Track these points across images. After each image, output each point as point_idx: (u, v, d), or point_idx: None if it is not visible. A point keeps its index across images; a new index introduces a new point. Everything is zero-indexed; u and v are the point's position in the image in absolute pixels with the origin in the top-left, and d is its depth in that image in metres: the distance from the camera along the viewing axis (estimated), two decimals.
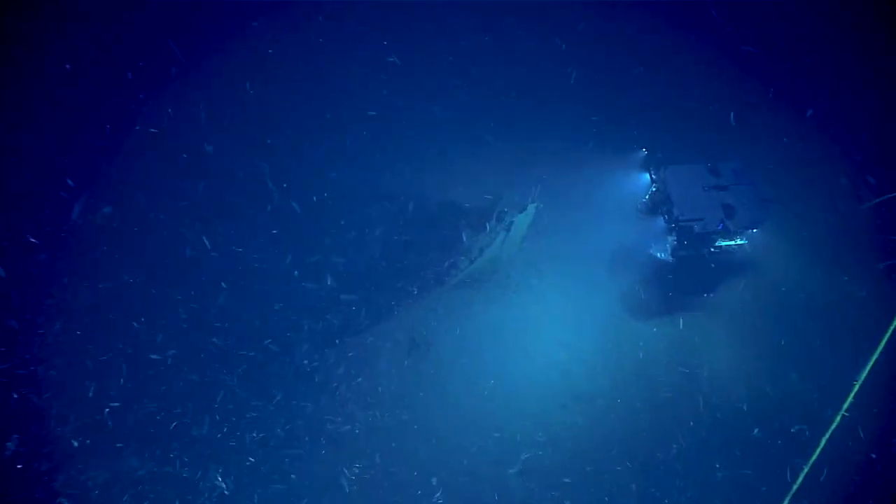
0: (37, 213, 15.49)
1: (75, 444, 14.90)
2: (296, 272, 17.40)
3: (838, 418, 14.25)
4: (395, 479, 16.05)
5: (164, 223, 16.81)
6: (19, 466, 14.24)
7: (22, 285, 15.29)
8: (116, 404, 15.40)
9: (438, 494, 15.86)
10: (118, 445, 15.13)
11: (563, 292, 18.40)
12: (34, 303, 15.55)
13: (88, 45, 14.90)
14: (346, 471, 15.99)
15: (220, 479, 15.33)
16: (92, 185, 15.73)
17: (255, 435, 16.04)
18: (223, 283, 16.95)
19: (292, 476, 15.90)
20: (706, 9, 17.17)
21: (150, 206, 16.59)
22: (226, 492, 15.26)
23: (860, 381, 14.26)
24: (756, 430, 15.97)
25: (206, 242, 16.85)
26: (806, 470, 14.24)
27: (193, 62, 16.73)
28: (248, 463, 15.74)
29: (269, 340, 16.81)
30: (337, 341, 17.30)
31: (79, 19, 14.93)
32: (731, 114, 17.53)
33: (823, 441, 14.19)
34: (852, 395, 14.27)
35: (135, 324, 16.13)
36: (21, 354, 15.06)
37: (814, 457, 14.23)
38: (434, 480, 15.92)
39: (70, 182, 15.43)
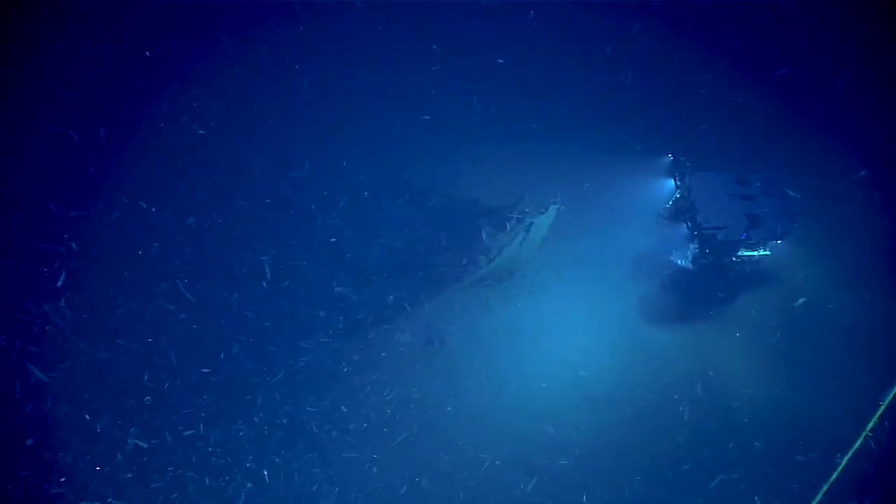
0: (37, 213, 14.29)
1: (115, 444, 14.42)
2: (317, 268, 16.64)
3: (861, 438, 13.81)
4: (405, 478, 15.53)
5: (166, 221, 15.79)
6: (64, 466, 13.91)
7: (65, 285, 14.55)
8: (153, 399, 14.87)
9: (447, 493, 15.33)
10: (154, 441, 14.58)
11: (580, 295, 17.74)
12: (78, 303, 14.73)
13: (89, 45, 13.54)
14: (364, 468, 15.42)
15: (260, 474, 15.06)
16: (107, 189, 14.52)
17: (279, 432, 15.58)
18: (264, 283, 16.13)
19: (315, 471, 15.37)
20: (745, 16, 15.90)
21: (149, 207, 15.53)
22: (267, 480, 14.94)
23: (886, 402, 13.80)
24: (772, 444, 15.54)
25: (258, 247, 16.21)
26: (826, 487, 13.87)
27: (214, 63, 15.26)
28: (276, 461, 15.27)
29: (288, 338, 16.09)
30: (352, 336, 16.53)
31: (79, 19, 13.55)
32: (762, 124, 16.49)
33: (845, 460, 13.77)
34: (877, 416, 13.81)
35: (183, 315, 15.39)
36: (64, 354, 14.44)
37: (835, 474, 13.84)
38: (439, 480, 15.49)
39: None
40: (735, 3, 15.98)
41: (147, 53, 13.93)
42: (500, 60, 16.35)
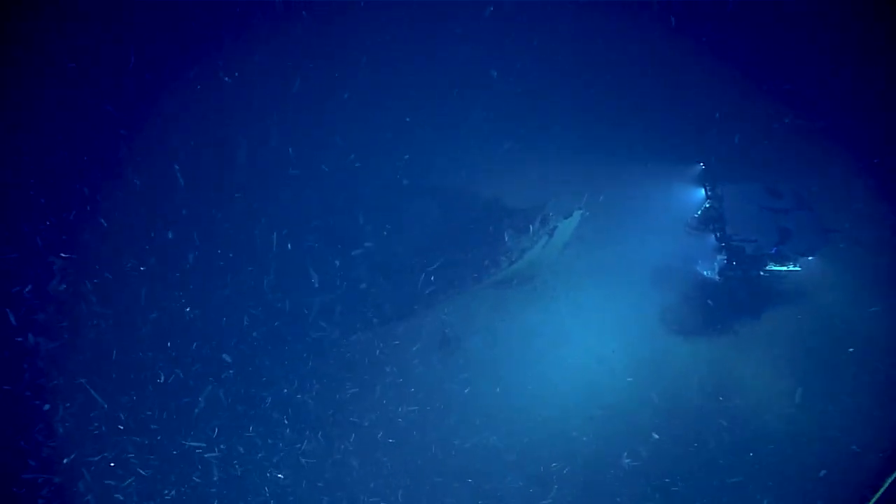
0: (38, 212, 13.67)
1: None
2: (336, 262, 15.62)
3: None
4: (410, 476, 14.81)
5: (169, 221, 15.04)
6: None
7: (90, 270, 13.89)
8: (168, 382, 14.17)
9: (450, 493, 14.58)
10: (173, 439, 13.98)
11: (601, 302, 16.65)
12: (107, 297, 14.10)
13: (89, 45, 13.02)
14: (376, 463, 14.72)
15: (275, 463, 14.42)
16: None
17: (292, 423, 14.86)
18: (287, 275, 15.43)
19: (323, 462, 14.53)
20: (781, 25, 14.97)
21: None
22: (281, 478, 14.34)
23: None
24: (791, 461, 14.18)
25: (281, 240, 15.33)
26: None
27: (241, 56, 14.69)
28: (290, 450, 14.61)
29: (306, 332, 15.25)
30: (373, 331, 15.78)
31: (79, 19, 13.12)
32: (797, 135, 15.40)
33: (881, 491, 12.31)
34: None
35: (226, 298, 14.94)
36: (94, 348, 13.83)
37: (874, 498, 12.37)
38: (443, 480, 14.72)
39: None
40: (770, 13, 15.06)
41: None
42: (535, 65, 15.48)
